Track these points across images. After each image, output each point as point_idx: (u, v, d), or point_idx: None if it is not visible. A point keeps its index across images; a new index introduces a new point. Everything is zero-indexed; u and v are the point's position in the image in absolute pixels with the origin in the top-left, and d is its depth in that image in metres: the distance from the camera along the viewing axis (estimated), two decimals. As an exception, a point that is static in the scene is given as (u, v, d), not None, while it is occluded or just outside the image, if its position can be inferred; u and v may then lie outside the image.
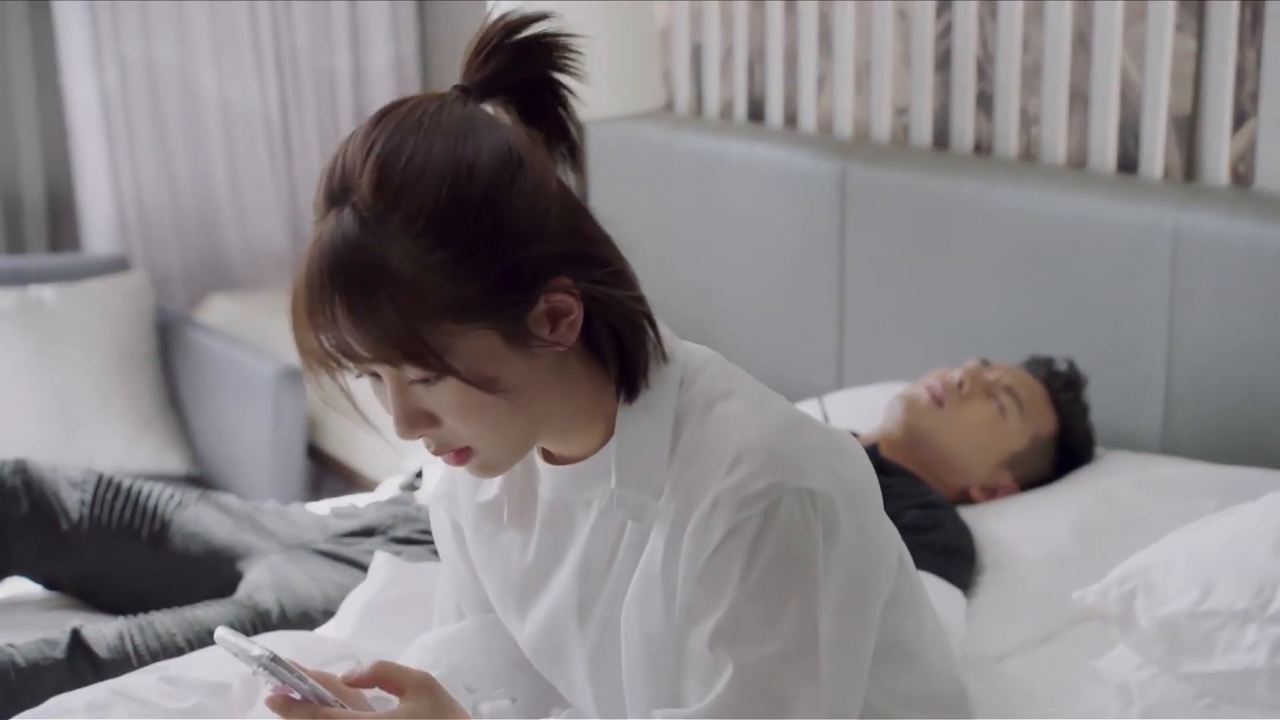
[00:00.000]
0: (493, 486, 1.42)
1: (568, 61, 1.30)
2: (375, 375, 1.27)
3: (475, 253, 1.21)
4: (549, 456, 1.38)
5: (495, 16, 1.28)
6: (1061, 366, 2.58)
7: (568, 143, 1.31)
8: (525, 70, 1.29)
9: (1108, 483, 2.46)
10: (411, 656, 1.57)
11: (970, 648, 2.13)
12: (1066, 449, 2.55)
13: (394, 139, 1.23)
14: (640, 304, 1.31)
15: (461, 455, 1.29)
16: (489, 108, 1.30)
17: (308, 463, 3.72)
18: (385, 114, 1.26)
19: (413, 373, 1.23)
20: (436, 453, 1.29)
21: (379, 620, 1.94)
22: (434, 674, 1.42)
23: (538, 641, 1.43)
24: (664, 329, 1.35)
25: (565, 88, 1.31)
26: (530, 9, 1.31)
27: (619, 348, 1.30)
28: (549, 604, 1.40)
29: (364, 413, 1.29)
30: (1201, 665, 1.94)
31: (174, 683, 1.62)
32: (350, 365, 1.24)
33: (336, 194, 1.24)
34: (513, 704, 1.51)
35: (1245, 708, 1.91)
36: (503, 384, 1.25)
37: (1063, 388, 2.55)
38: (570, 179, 1.31)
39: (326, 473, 3.79)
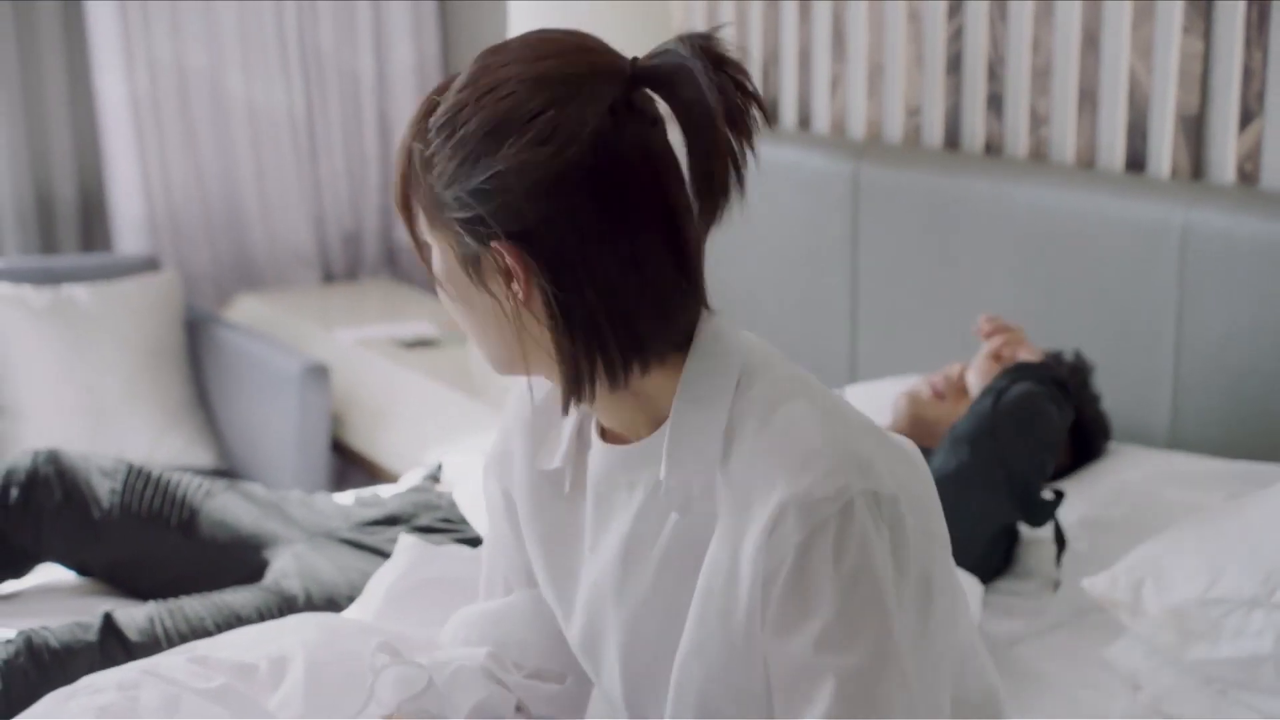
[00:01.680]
0: (555, 457, 1.40)
1: (737, 81, 1.25)
2: None
3: (450, 171, 1.25)
4: (604, 433, 1.36)
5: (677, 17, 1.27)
6: (1068, 356, 2.57)
7: (716, 192, 1.26)
8: (684, 93, 1.24)
9: (1117, 476, 2.45)
10: (451, 631, 1.55)
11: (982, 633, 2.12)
12: (1080, 437, 2.52)
13: (482, 60, 1.28)
14: (615, 331, 1.26)
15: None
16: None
17: (332, 456, 3.72)
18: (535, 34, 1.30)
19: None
20: (452, 326, 1.37)
21: (403, 602, 1.93)
22: (479, 650, 1.44)
23: (581, 630, 1.41)
24: (723, 321, 1.31)
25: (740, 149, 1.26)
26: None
27: (573, 349, 1.27)
28: (590, 581, 1.38)
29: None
30: (1209, 652, 1.94)
31: (202, 663, 1.61)
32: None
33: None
34: (561, 688, 1.49)
35: (1253, 694, 1.90)
36: (457, 295, 1.30)
37: (1070, 377, 2.53)
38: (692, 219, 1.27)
39: (350, 466, 3.79)
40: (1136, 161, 2.71)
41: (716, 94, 1.22)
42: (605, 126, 1.23)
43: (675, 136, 1.28)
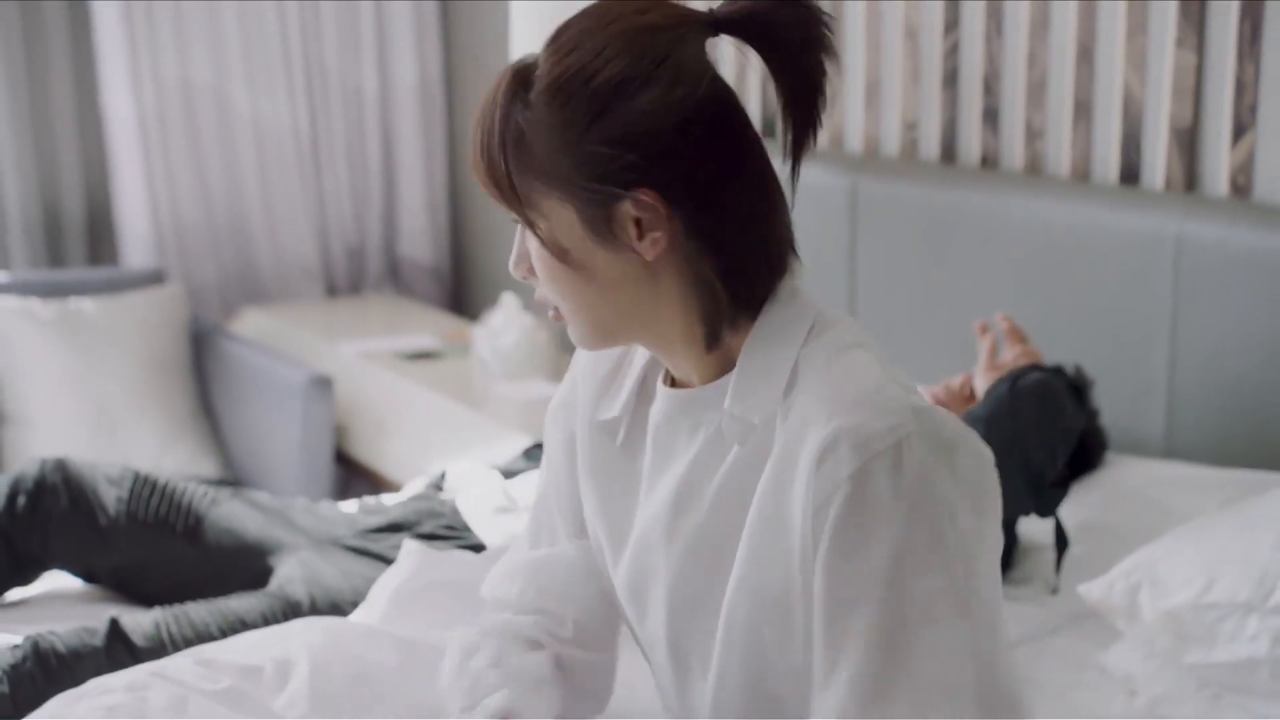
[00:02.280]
0: (614, 407, 1.41)
1: (817, 36, 1.28)
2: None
3: (577, 129, 1.24)
4: (671, 382, 1.38)
5: None
6: (1069, 371, 2.56)
7: (807, 120, 1.29)
8: (769, 32, 1.28)
9: (1113, 484, 2.44)
10: (496, 578, 1.55)
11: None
12: (1076, 455, 2.51)
13: (576, 22, 1.27)
14: (749, 260, 1.29)
15: (557, 315, 1.34)
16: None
17: (335, 467, 3.71)
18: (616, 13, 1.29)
19: (509, 211, 1.29)
20: (539, 301, 1.34)
21: (407, 606, 1.93)
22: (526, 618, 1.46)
23: (629, 572, 1.40)
24: (801, 285, 1.33)
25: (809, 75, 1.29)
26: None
27: (712, 293, 1.29)
28: (643, 523, 1.37)
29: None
30: (1205, 656, 1.93)
31: (209, 665, 1.61)
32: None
33: (525, 61, 1.30)
34: (601, 657, 1.49)
35: (1248, 697, 1.90)
36: (574, 260, 1.27)
37: (1066, 391, 2.53)
38: (783, 158, 1.30)
39: (353, 476, 3.78)
40: (1131, 174, 2.71)
41: (797, 29, 1.27)
42: (713, 68, 1.28)
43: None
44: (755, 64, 1.31)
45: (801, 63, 1.28)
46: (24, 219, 4.18)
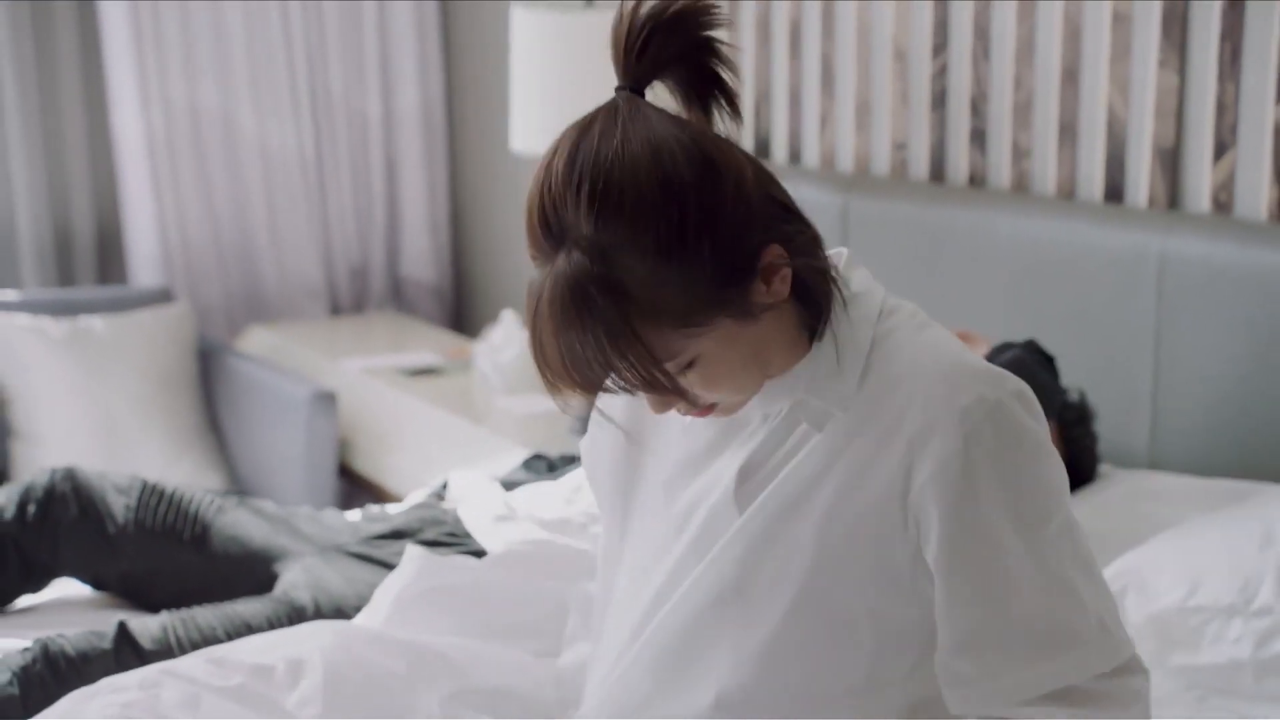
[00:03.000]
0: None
1: (713, 17, 1.30)
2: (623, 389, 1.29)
3: (701, 261, 1.23)
4: None
5: (627, 12, 1.28)
6: (1074, 398, 2.55)
7: (728, 94, 1.32)
8: (679, 42, 1.28)
9: (1100, 495, 2.44)
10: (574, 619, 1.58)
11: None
12: (1070, 477, 2.50)
13: (597, 171, 1.22)
14: (822, 248, 1.33)
15: (705, 411, 1.33)
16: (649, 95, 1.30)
17: (339, 480, 3.71)
18: (577, 143, 1.25)
19: (669, 376, 1.26)
20: (684, 414, 1.33)
21: (410, 611, 1.92)
22: None
23: (674, 523, 1.39)
24: (865, 270, 1.37)
25: (719, 42, 1.31)
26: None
27: (815, 284, 1.31)
28: (702, 488, 1.38)
29: (613, 419, 1.38)
30: (1190, 658, 1.93)
31: (220, 664, 1.61)
32: (603, 390, 1.26)
33: (555, 235, 1.24)
34: None
35: (1232, 699, 1.90)
36: (740, 354, 1.28)
37: (1075, 421, 2.51)
38: (732, 128, 1.33)
39: (357, 490, 3.78)
40: (1115, 192, 2.72)
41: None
42: (695, 124, 1.30)
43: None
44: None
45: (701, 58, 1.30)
46: (35, 239, 4.18)
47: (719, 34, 1.30)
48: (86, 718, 1.54)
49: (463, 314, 4.62)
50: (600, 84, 3.24)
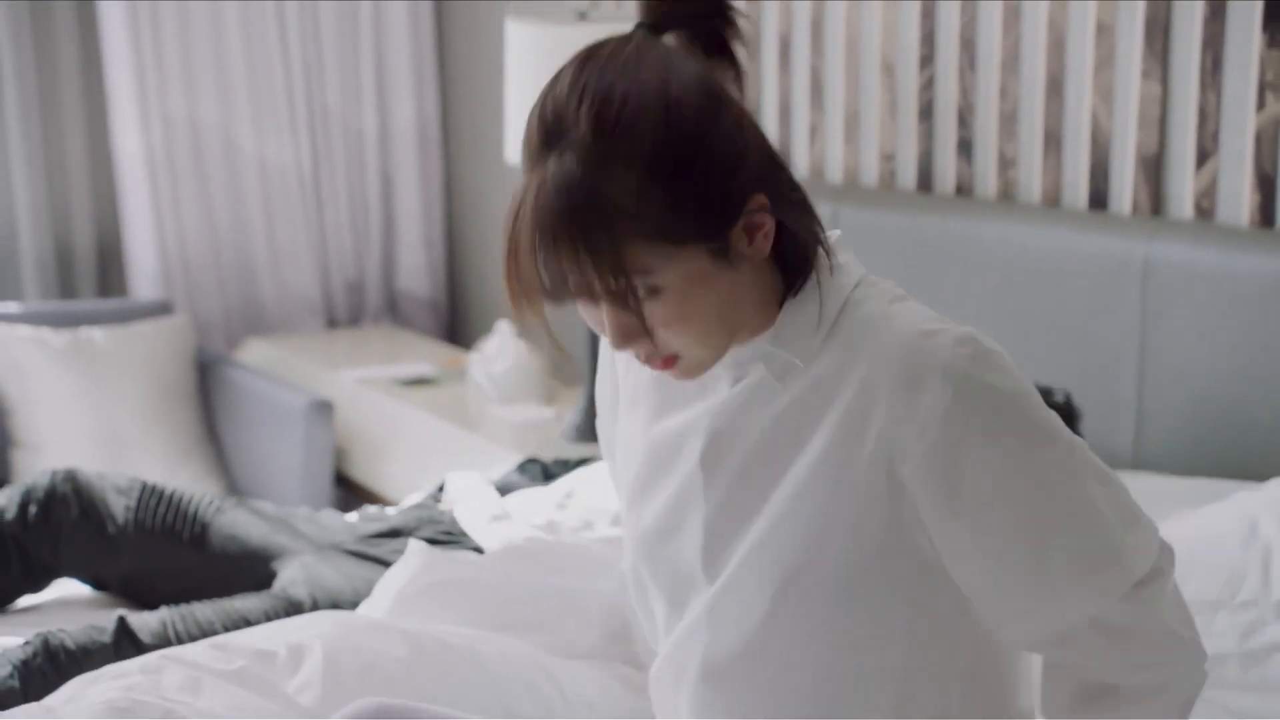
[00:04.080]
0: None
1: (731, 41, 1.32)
2: (588, 299, 1.28)
3: (689, 183, 1.23)
4: None
5: None
6: (1059, 398, 2.54)
7: (735, 65, 1.32)
8: (701, 2, 1.30)
9: (1084, 492, 2.43)
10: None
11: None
12: None
13: (604, 81, 1.23)
14: (811, 210, 1.32)
15: (668, 361, 1.30)
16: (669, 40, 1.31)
17: (336, 489, 3.70)
18: (587, 58, 1.26)
19: (625, 292, 1.24)
20: (645, 361, 1.30)
21: (413, 604, 1.91)
22: None
23: (663, 515, 1.38)
24: (851, 253, 1.36)
25: (733, 10, 1.32)
26: None
27: (796, 252, 1.30)
28: (681, 468, 1.36)
29: (559, 342, 1.31)
30: (1176, 651, 1.92)
31: (222, 648, 1.59)
32: (568, 299, 1.26)
33: (552, 137, 1.24)
34: None
35: (1218, 690, 1.89)
36: (710, 298, 1.26)
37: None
38: (737, 96, 1.33)
39: (353, 498, 3.76)
40: (1099, 200, 2.72)
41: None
42: (706, 65, 1.30)
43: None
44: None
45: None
46: (37, 253, 4.17)
47: (738, 8, 1.32)
48: (89, 700, 1.52)
49: (457, 327, 4.61)
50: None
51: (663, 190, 1.22)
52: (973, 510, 1.26)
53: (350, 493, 3.76)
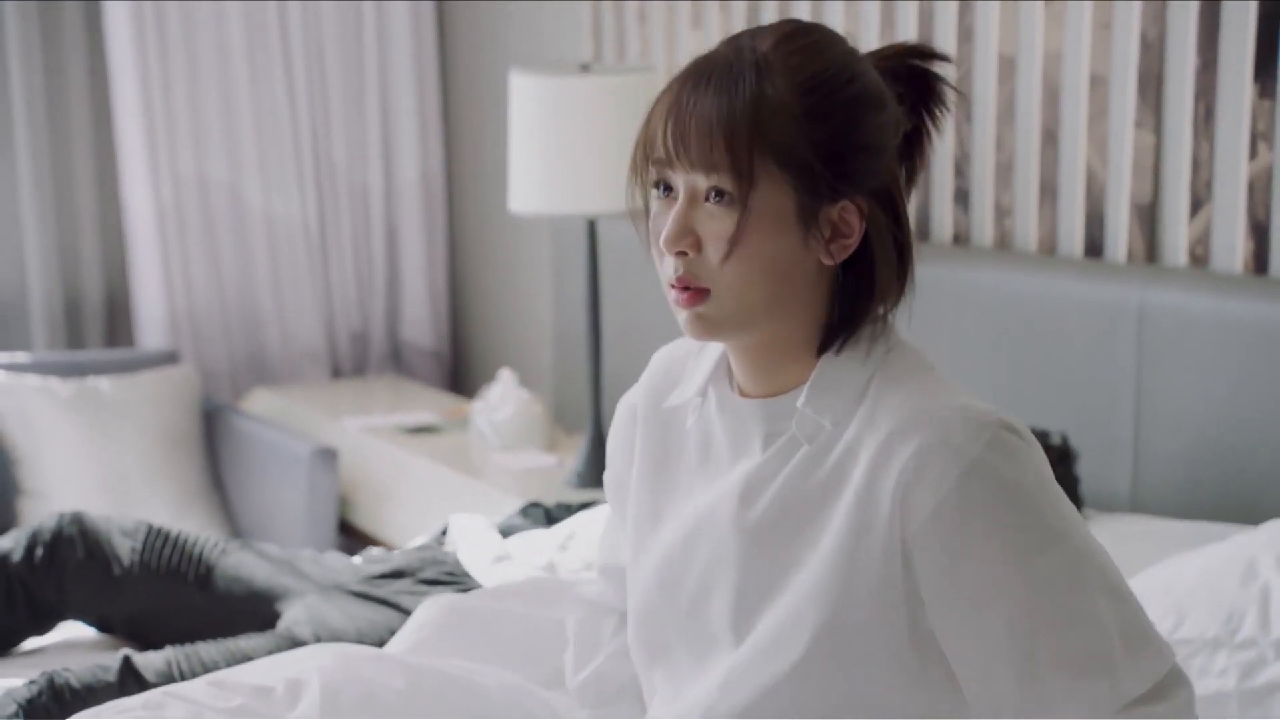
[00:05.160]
0: (686, 394, 1.39)
1: (936, 110, 1.35)
2: (667, 190, 1.29)
3: (825, 126, 1.25)
4: (741, 393, 1.36)
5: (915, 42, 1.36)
6: (1055, 440, 2.53)
7: (909, 167, 1.36)
8: (907, 88, 1.33)
9: (1082, 536, 2.42)
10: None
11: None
12: None
13: (804, 28, 1.30)
14: (901, 274, 1.33)
15: (696, 296, 1.28)
16: None
17: (340, 536, 3.68)
18: (796, 20, 1.33)
19: (718, 180, 1.25)
20: (679, 282, 1.29)
21: (421, 634, 1.88)
22: None
23: (672, 549, 1.37)
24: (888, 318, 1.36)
25: (927, 127, 1.35)
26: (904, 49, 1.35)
27: (854, 305, 1.30)
28: (702, 515, 1.35)
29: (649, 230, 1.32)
30: (1176, 690, 1.90)
31: (221, 685, 1.58)
32: (675, 163, 1.27)
33: (739, 44, 1.29)
34: None
35: (1218, 729, 1.87)
36: (772, 248, 1.26)
37: (1056, 461, 2.50)
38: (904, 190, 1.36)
39: (357, 545, 3.74)
40: (1095, 248, 2.72)
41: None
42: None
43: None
44: None
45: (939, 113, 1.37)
46: (47, 303, 4.17)
47: (933, 127, 1.35)
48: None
49: (460, 377, 4.61)
50: (597, 145, 3.24)
51: (800, 111, 1.24)
52: (967, 595, 1.23)
53: (354, 540, 3.74)
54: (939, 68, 1.35)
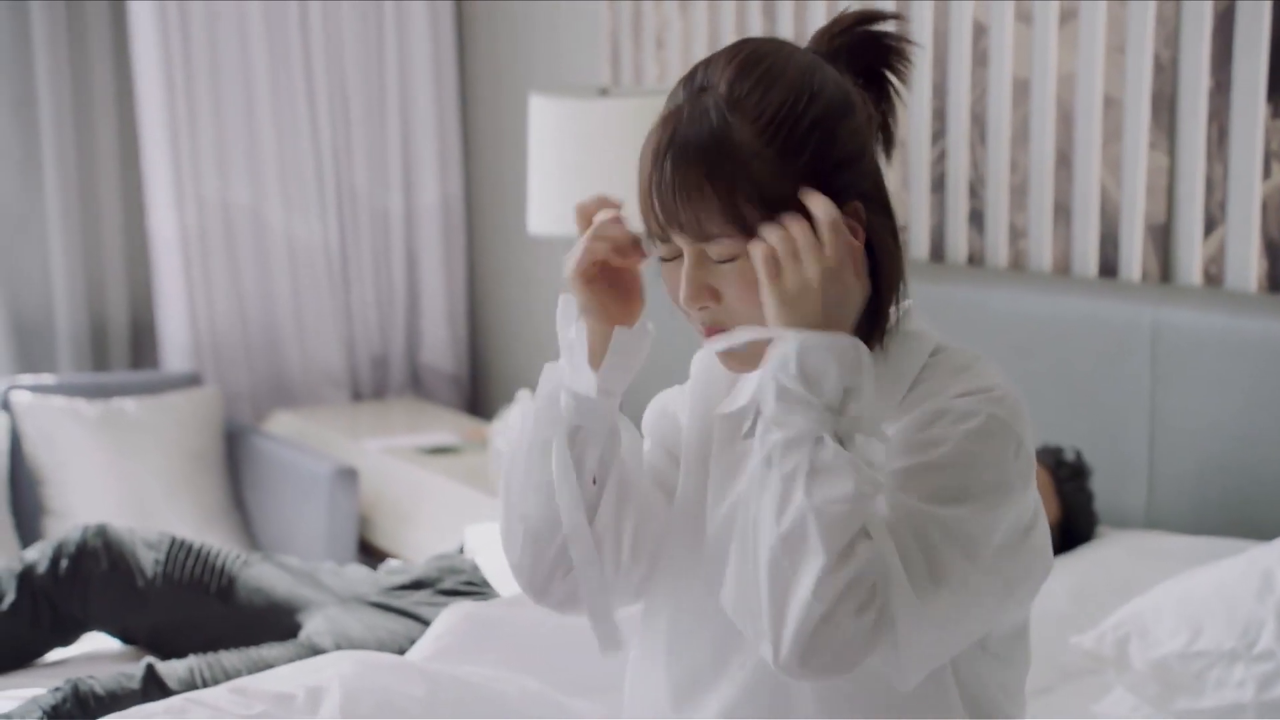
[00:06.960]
0: (737, 401, 1.38)
1: (899, 66, 1.34)
2: (674, 256, 1.30)
3: (800, 157, 1.24)
4: None
5: (845, 11, 1.34)
6: (1069, 456, 2.52)
7: (885, 133, 1.35)
8: (864, 58, 1.33)
9: (1100, 552, 2.41)
10: None
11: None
12: (1068, 534, 2.48)
13: (755, 54, 1.28)
14: (901, 262, 1.32)
15: (716, 330, 1.30)
16: None
17: (359, 555, 3.67)
18: (747, 40, 1.32)
19: (719, 249, 1.26)
20: (709, 330, 1.31)
21: (441, 642, 1.87)
22: None
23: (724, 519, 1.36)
24: (923, 318, 1.35)
25: (893, 86, 1.34)
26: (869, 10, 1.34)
27: (875, 295, 1.30)
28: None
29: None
30: (1193, 703, 1.89)
31: (243, 693, 1.57)
32: (673, 237, 1.27)
33: (697, 87, 1.29)
34: None
35: (1236, 741, 1.85)
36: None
37: (1069, 477, 2.49)
38: (884, 164, 1.34)
39: (376, 564, 3.73)
40: (1109, 268, 2.71)
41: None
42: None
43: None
44: None
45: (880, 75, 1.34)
46: (73, 326, 4.18)
47: (898, 81, 1.34)
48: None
49: (479, 400, 4.60)
50: (615, 167, 3.23)
51: (774, 152, 1.24)
52: (900, 464, 1.25)
53: (374, 559, 3.73)
54: (890, 26, 1.34)
